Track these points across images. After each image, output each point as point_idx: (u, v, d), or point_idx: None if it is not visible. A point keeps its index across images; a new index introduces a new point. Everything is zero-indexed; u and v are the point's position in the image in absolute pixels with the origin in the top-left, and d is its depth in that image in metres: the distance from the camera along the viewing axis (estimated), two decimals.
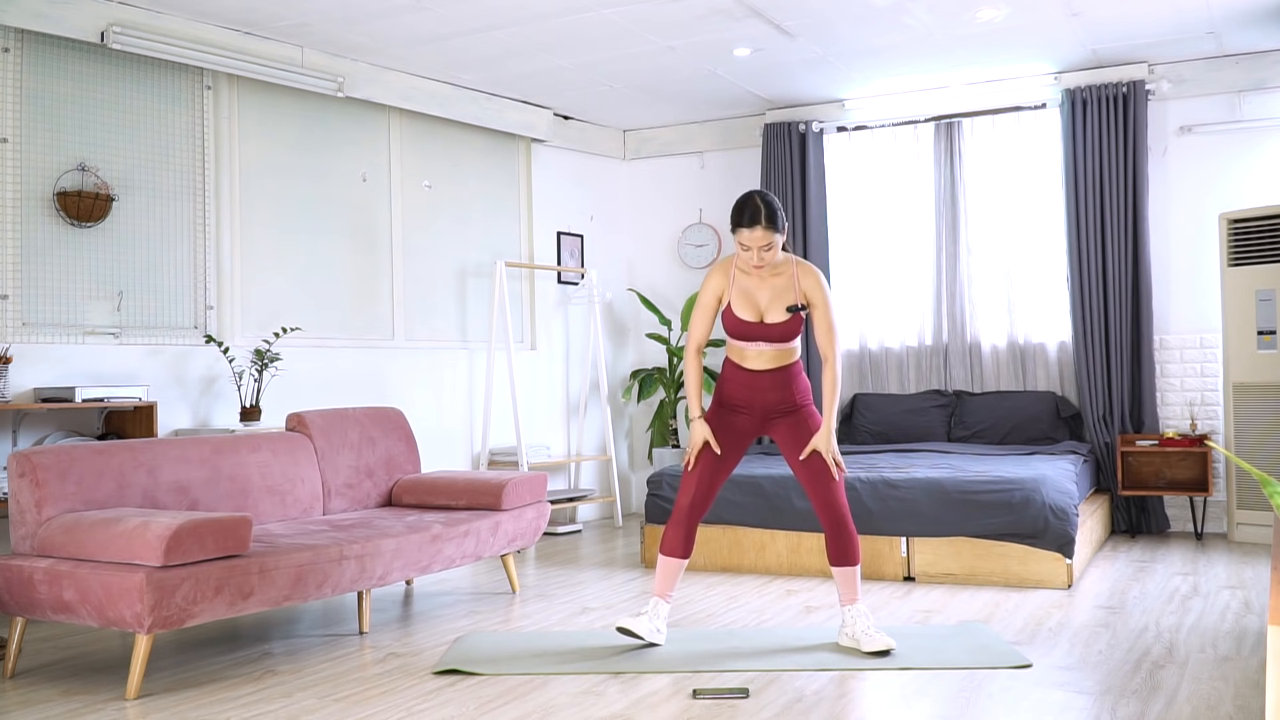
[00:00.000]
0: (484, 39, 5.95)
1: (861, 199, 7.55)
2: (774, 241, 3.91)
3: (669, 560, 4.06)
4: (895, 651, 3.91)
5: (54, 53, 5.07)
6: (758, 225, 3.88)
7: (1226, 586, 5.02)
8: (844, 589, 4.02)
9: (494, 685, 3.66)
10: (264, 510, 4.60)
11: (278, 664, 4.00)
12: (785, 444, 4.08)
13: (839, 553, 4.00)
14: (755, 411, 4.07)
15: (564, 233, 7.80)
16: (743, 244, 3.92)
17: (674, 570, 4.07)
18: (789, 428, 4.06)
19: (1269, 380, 6.07)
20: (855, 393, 7.52)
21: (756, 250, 3.91)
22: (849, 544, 3.99)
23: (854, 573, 4.01)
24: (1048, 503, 5.12)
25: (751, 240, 3.90)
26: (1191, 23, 5.97)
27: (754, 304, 4.00)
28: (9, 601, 3.81)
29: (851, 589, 4.01)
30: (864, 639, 3.94)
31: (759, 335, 3.99)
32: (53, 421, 4.97)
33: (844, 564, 4.00)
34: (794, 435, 4.05)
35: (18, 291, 4.90)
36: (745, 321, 3.99)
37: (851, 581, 4.01)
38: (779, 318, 3.98)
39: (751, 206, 3.89)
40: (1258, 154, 6.56)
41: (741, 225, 3.91)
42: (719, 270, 4.07)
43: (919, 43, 6.24)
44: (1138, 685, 3.51)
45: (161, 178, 5.46)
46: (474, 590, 5.34)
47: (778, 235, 3.91)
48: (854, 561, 4.00)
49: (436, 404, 6.78)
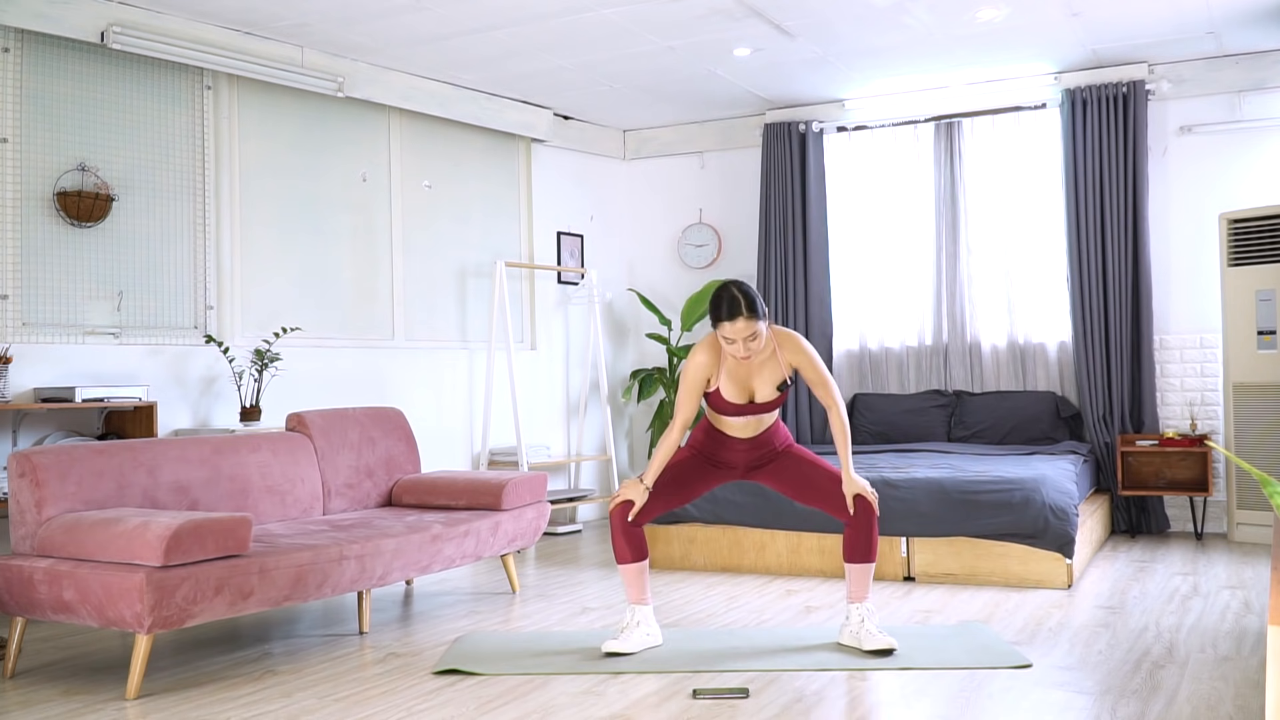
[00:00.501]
0: (484, 39, 5.95)
1: (861, 199, 7.55)
2: (758, 330, 3.78)
3: (628, 567, 4.02)
4: (897, 651, 3.91)
5: (54, 53, 5.07)
6: (739, 317, 3.75)
7: (1226, 586, 5.02)
8: (856, 585, 4.01)
9: (494, 685, 3.66)
10: (264, 510, 4.60)
11: (278, 664, 4.00)
12: (780, 484, 4.10)
13: (860, 549, 3.96)
14: (737, 467, 4.13)
15: (564, 233, 7.80)
16: (726, 337, 3.80)
17: (637, 575, 4.03)
18: (777, 469, 4.09)
19: (1269, 380, 6.07)
20: (855, 393, 7.52)
21: (742, 342, 3.80)
22: (872, 540, 3.98)
23: (869, 570, 4.00)
24: (1048, 503, 5.12)
25: (735, 333, 3.77)
26: (1191, 23, 5.97)
27: (744, 385, 3.95)
28: (9, 601, 3.81)
29: (863, 586, 4.00)
30: (866, 637, 3.93)
31: (748, 413, 4.00)
32: (53, 421, 4.97)
33: (862, 560, 3.98)
34: (787, 474, 4.08)
35: (18, 291, 4.90)
36: (735, 404, 3.96)
37: (865, 578, 4.00)
38: (769, 396, 3.96)
39: (729, 298, 3.77)
40: (1258, 154, 6.56)
41: (722, 319, 3.78)
42: (707, 350, 3.94)
43: (919, 43, 6.24)
44: (1138, 685, 3.51)
45: (161, 178, 5.45)
46: (474, 590, 5.34)
47: (760, 323, 3.79)
48: (872, 558, 3.99)
49: (436, 404, 6.78)
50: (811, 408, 7.46)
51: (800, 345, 3.97)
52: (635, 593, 4.05)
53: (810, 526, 5.51)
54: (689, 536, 5.79)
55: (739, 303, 3.76)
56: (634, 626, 4.02)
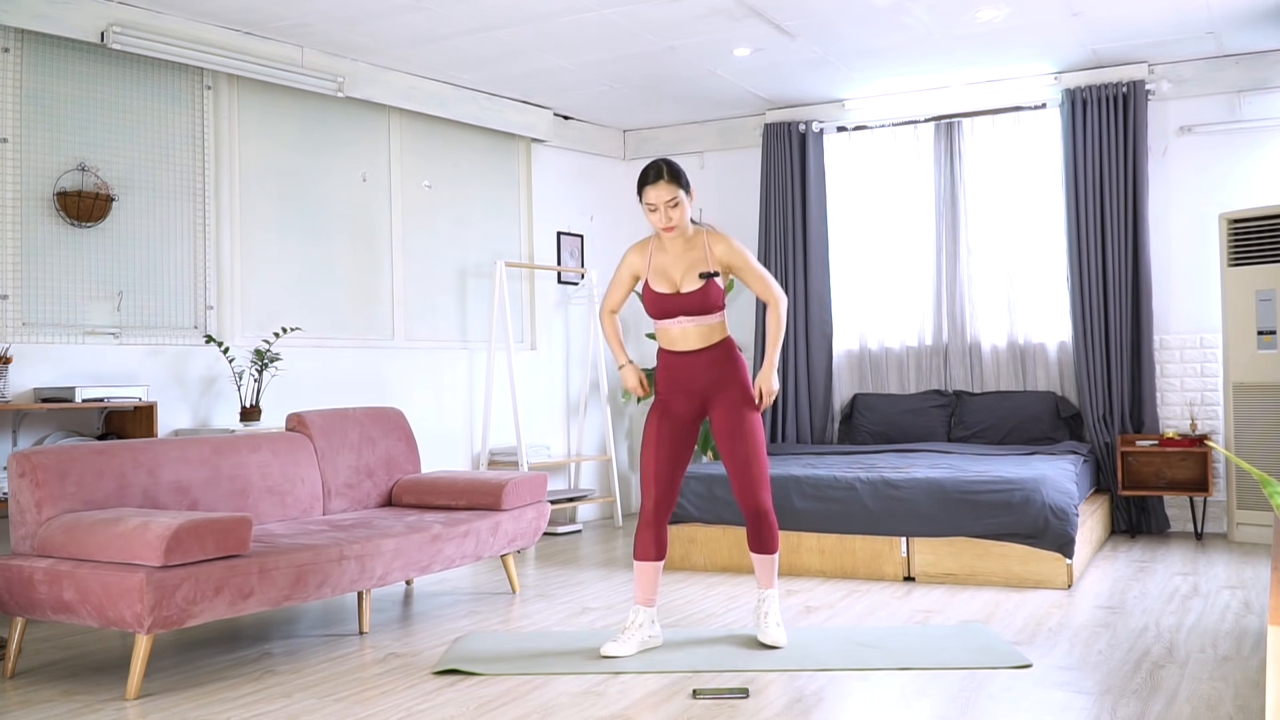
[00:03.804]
0: (484, 39, 5.95)
1: (861, 199, 7.55)
2: (679, 198, 3.96)
3: (645, 565, 4.04)
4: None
5: (54, 53, 5.07)
6: (660, 180, 3.94)
7: (1226, 586, 5.02)
8: (761, 574, 4.15)
9: (494, 685, 3.66)
10: (264, 510, 4.60)
11: (278, 664, 4.00)
12: (718, 428, 4.08)
13: (758, 541, 4.10)
14: (693, 392, 4.06)
15: (564, 233, 7.80)
16: (649, 204, 3.98)
17: (652, 575, 4.05)
18: (724, 411, 4.06)
19: (1269, 380, 6.07)
20: (855, 393, 7.53)
21: (663, 208, 3.96)
22: (769, 534, 4.09)
23: (772, 560, 4.12)
24: (1048, 503, 5.12)
25: (657, 197, 3.95)
26: (1191, 23, 5.97)
27: (669, 278, 4.05)
28: (9, 601, 3.81)
29: (768, 575, 4.14)
30: (761, 629, 4.07)
31: (678, 309, 4.03)
32: (53, 421, 4.97)
33: (763, 551, 4.11)
34: (727, 420, 4.05)
35: (18, 291, 4.90)
36: (662, 294, 4.04)
37: (769, 568, 4.13)
38: (693, 285, 4.02)
39: (654, 166, 3.97)
40: (1258, 154, 6.56)
41: (646, 184, 3.97)
42: (636, 249, 4.15)
43: (919, 43, 6.24)
44: (1138, 685, 3.51)
45: (161, 178, 5.46)
46: (474, 590, 5.34)
47: (682, 192, 3.97)
48: (772, 550, 4.10)
49: (436, 404, 6.78)
50: (811, 407, 7.46)
51: (731, 243, 4.08)
52: (647, 592, 4.05)
53: (810, 527, 5.51)
54: (689, 536, 5.79)
55: (662, 169, 3.95)
56: (636, 628, 4.02)
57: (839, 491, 5.48)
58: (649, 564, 4.03)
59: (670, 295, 4.03)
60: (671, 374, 4.08)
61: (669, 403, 4.09)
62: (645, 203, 4.00)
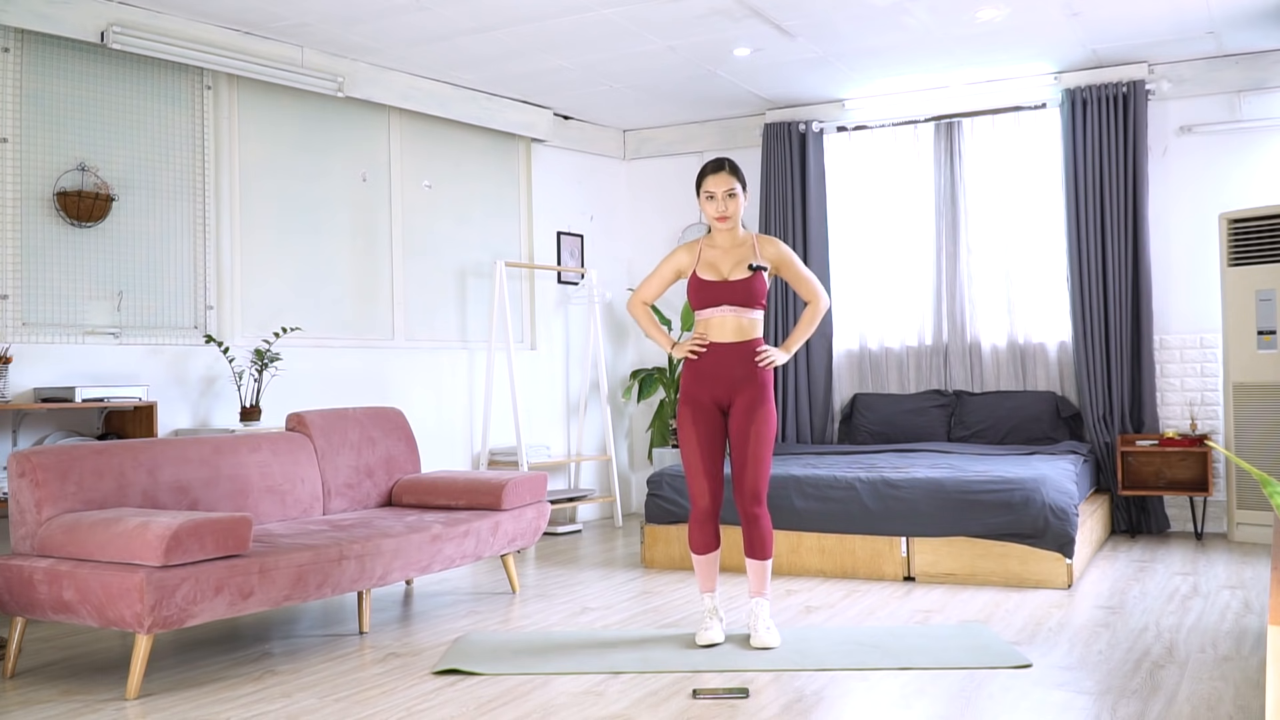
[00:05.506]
0: (484, 39, 5.95)
1: (861, 199, 7.55)
2: (736, 190, 4.09)
3: (704, 556, 4.17)
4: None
5: (54, 53, 5.07)
6: (722, 170, 4.09)
7: (1226, 586, 5.03)
8: (754, 581, 4.16)
9: (494, 685, 3.66)
10: (264, 510, 4.60)
11: (278, 664, 4.00)
12: (733, 424, 4.12)
13: (752, 546, 4.13)
14: (719, 381, 4.10)
15: (564, 233, 7.80)
16: (708, 192, 4.10)
17: (712, 564, 4.20)
18: (742, 408, 4.10)
19: (1269, 380, 6.07)
20: (855, 393, 7.53)
21: (721, 196, 4.08)
22: (763, 539, 4.11)
23: (765, 566, 4.13)
24: (1048, 503, 5.12)
25: (716, 185, 4.08)
26: (1191, 23, 5.97)
27: (717, 269, 4.14)
28: (9, 601, 3.81)
29: (761, 582, 4.15)
30: (754, 634, 4.09)
31: (723, 297, 4.09)
32: (53, 421, 4.97)
33: (756, 557, 4.13)
34: (743, 417, 4.09)
35: (18, 291, 4.90)
36: (708, 282, 4.10)
37: (762, 575, 4.14)
38: (741, 275, 4.09)
39: (716, 159, 4.14)
40: (1258, 154, 6.56)
41: (707, 174, 4.12)
42: (686, 248, 4.23)
43: (919, 43, 6.24)
44: (1138, 685, 3.51)
45: (161, 178, 5.46)
46: (474, 590, 5.34)
47: (739, 186, 4.10)
48: (766, 555, 4.12)
49: (436, 404, 6.78)
50: (811, 407, 7.45)
51: (780, 245, 4.22)
52: (710, 581, 4.20)
53: (809, 526, 5.51)
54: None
55: (723, 162, 4.13)
56: (713, 612, 4.17)
57: (839, 491, 5.48)
58: (710, 555, 4.17)
59: (717, 283, 4.10)
60: (700, 365, 4.14)
61: (697, 397, 4.14)
62: (704, 190, 4.12)
